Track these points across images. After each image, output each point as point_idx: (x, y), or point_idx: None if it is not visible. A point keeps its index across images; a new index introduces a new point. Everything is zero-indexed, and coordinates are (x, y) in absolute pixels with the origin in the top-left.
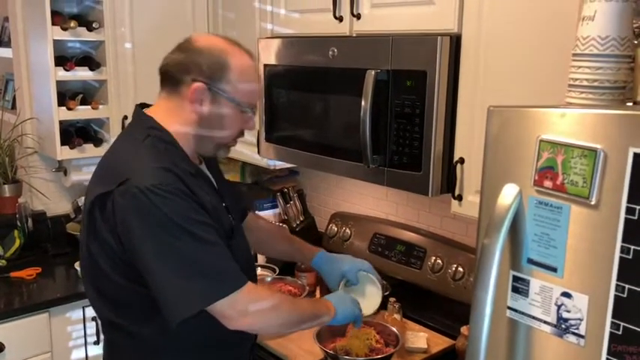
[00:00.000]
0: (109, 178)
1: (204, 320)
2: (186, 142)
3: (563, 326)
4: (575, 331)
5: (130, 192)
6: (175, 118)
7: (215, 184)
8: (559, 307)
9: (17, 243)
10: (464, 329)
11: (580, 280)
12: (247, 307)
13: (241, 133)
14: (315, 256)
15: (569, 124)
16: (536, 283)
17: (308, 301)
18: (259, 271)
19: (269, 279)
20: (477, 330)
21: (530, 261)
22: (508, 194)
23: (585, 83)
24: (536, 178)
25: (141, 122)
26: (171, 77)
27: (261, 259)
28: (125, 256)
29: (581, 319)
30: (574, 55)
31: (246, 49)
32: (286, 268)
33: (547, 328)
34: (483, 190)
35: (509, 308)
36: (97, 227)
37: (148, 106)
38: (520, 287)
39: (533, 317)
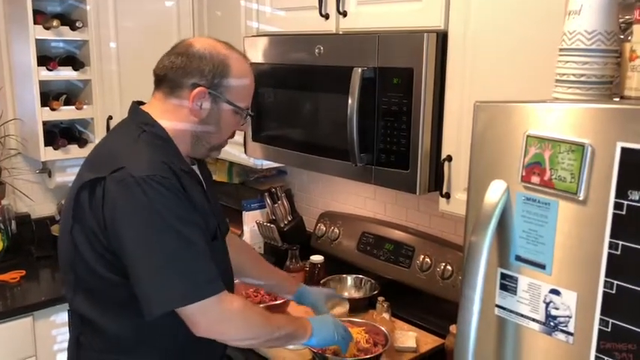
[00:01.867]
0: (102, 165)
1: (177, 323)
2: (182, 142)
3: (551, 324)
4: (564, 328)
5: (123, 180)
6: (172, 119)
7: (204, 185)
8: (547, 304)
9: (0, 246)
10: (453, 328)
11: (568, 277)
12: (218, 316)
13: (233, 134)
14: (296, 292)
15: (557, 119)
16: (525, 280)
17: (285, 319)
18: None
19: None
20: (465, 328)
21: (519, 258)
22: (495, 191)
23: (572, 78)
24: (524, 174)
25: (137, 117)
26: (170, 80)
27: None
28: (110, 245)
29: (569, 317)
30: (561, 49)
31: (241, 51)
32: None
33: (535, 326)
34: (470, 187)
35: (498, 306)
36: (84, 213)
37: (143, 103)
38: (508, 285)
39: (522, 315)
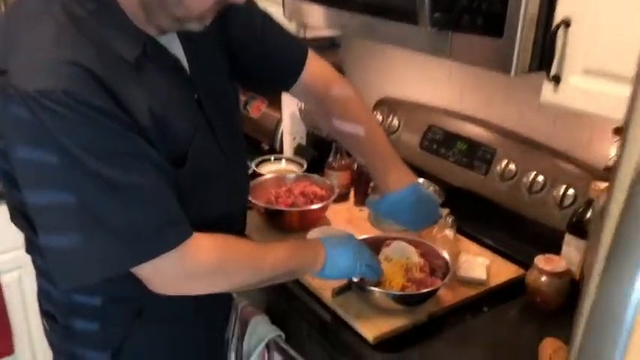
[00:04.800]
0: None
1: None
2: (130, 7)
3: None
4: None
5: (5, 91)
6: None
7: (187, 65)
8: None
9: None
10: (538, 260)
11: None
12: (177, 275)
13: (221, 2)
14: (403, 189)
15: None
16: None
17: (286, 250)
18: (284, 164)
19: (292, 176)
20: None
21: None
22: None
23: None
24: None
25: None
26: None
27: (287, 149)
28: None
29: None
30: None
31: None
32: (315, 164)
33: None
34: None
35: None
36: None
37: None
38: None
39: None
